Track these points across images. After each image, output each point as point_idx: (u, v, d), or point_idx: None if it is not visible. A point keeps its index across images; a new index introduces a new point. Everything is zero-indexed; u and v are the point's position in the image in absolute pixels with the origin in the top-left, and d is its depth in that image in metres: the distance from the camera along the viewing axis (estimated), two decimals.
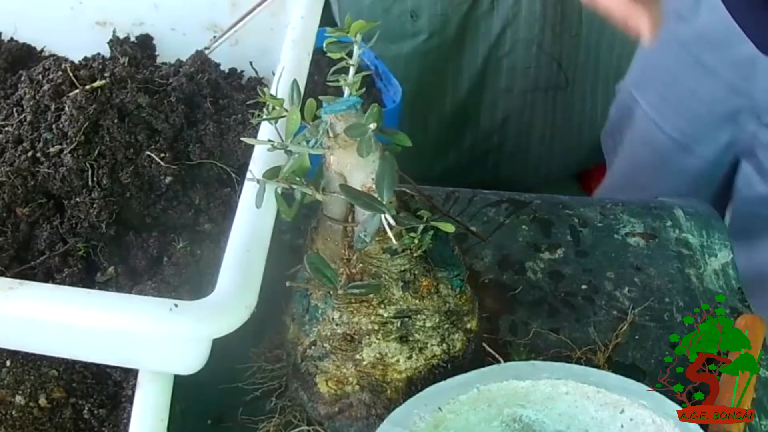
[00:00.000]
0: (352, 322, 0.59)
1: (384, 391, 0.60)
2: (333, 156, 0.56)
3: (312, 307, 0.60)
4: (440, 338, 0.60)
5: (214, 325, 0.51)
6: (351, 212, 0.59)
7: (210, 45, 0.80)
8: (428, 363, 0.60)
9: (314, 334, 0.60)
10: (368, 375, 0.59)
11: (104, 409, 0.62)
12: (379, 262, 0.58)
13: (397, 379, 0.60)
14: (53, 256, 0.63)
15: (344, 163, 0.56)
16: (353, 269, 0.58)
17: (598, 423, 0.59)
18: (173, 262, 0.64)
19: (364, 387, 0.60)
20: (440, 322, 0.60)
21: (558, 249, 0.80)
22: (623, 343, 0.71)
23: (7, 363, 0.62)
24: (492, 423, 0.59)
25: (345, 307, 0.59)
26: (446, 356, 0.61)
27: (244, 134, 0.69)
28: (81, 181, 0.64)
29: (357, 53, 0.56)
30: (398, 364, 0.59)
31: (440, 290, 0.60)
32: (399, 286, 0.59)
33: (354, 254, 0.58)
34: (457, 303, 0.61)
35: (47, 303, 0.52)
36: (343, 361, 0.59)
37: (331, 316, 0.59)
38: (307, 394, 0.62)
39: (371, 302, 0.58)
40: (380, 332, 0.59)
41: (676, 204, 0.85)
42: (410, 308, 0.59)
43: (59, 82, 0.67)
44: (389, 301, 0.59)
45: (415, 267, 0.59)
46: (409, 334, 0.59)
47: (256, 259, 0.55)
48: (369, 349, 0.59)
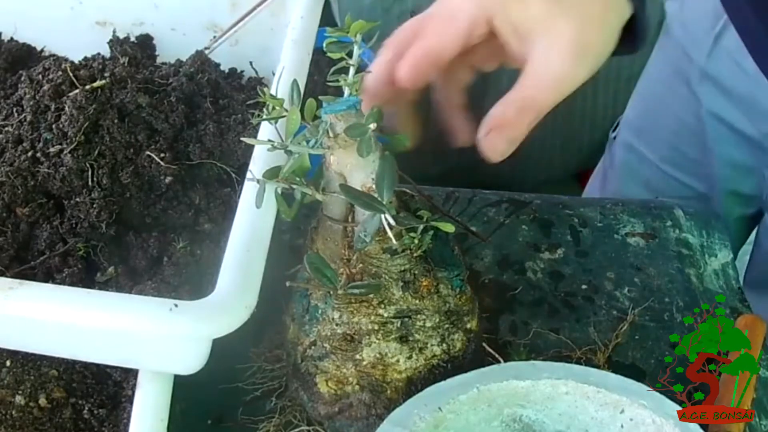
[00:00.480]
0: (352, 322, 0.59)
1: (384, 391, 0.60)
2: (333, 156, 0.56)
3: (312, 307, 0.60)
4: (440, 338, 0.60)
5: (214, 325, 0.51)
6: (351, 212, 0.59)
7: (210, 45, 0.80)
8: (428, 363, 0.60)
9: (314, 334, 0.60)
10: (368, 375, 0.59)
11: (104, 409, 0.62)
12: (379, 262, 0.58)
13: (397, 379, 0.60)
14: (53, 256, 0.63)
15: (344, 163, 0.56)
16: (353, 269, 0.58)
17: (598, 423, 0.59)
18: (173, 262, 0.64)
19: (364, 387, 0.60)
20: (440, 322, 0.60)
21: (558, 249, 0.80)
22: (623, 343, 0.71)
23: (7, 363, 0.62)
24: (492, 423, 0.59)
25: (345, 307, 0.59)
26: (446, 356, 0.61)
27: (244, 134, 0.69)
28: (81, 181, 0.64)
29: (357, 53, 0.56)
30: (398, 364, 0.59)
31: (440, 290, 0.60)
32: (399, 286, 0.58)
33: (354, 254, 0.58)
34: (457, 303, 0.61)
35: (47, 303, 0.52)
36: (343, 361, 0.59)
37: (331, 316, 0.59)
38: (307, 394, 0.62)
39: (371, 302, 0.58)
40: (380, 332, 0.59)
41: (676, 204, 0.85)
42: (410, 308, 0.59)
43: (59, 82, 0.67)
44: (389, 301, 0.58)
45: (415, 267, 0.59)
46: (409, 334, 0.59)
47: (256, 259, 0.55)
48: (369, 349, 0.59)
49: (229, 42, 0.81)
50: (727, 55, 0.90)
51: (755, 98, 0.89)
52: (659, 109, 1.02)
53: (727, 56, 0.90)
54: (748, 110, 0.91)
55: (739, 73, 0.89)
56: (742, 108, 0.91)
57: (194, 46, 0.78)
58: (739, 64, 0.88)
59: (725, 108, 0.93)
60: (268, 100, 0.57)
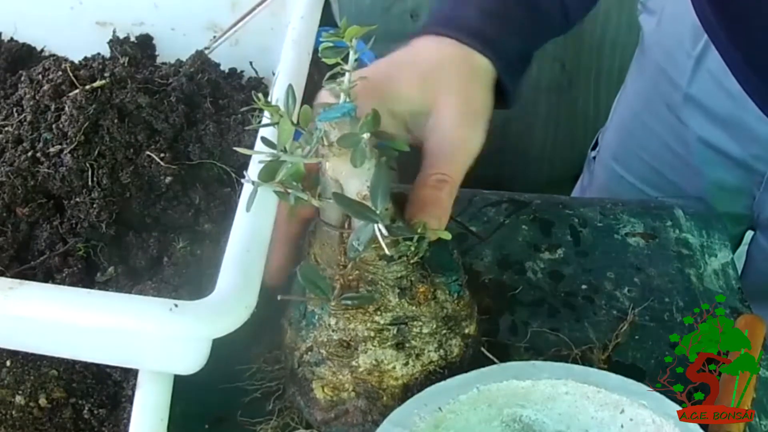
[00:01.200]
0: (348, 329, 0.58)
1: (380, 398, 0.59)
2: (328, 163, 0.56)
3: (309, 313, 0.60)
4: (437, 344, 0.60)
5: (214, 325, 0.51)
6: (348, 218, 0.58)
7: (210, 45, 0.80)
8: (425, 369, 0.60)
9: (311, 340, 0.60)
10: (364, 381, 0.59)
11: (104, 409, 0.62)
12: (375, 268, 0.58)
13: (393, 386, 0.59)
14: (53, 256, 0.63)
15: (339, 171, 0.56)
16: (349, 276, 0.58)
17: (598, 423, 0.59)
18: (173, 262, 0.64)
19: (360, 393, 0.59)
20: (437, 328, 0.60)
21: (558, 249, 0.80)
22: (623, 343, 0.71)
23: (7, 363, 0.62)
24: (492, 423, 0.59)
25: (341, 314, 0.58)
26: (443, 362, 0.61)
27: (244, 134, 0.69)
28: (81, 181, 0.64)
29: (353, 58, 0.55)
30: (394, 370, 0.59)
31: (437, 296, 0.60)
32: (395, 293, 0.58)
33: (350, 261, 0.58)
34: (455, 308, 0.61)
35: (47, 303, 0.52)
36: (340, 368, 0.59)
37: (327, 323, 0.59)
38: (303, 400, 0.62)
39: (367, 309, 0.58)
40: (376, 339, 0.58)
41: (676, 204, 0.85)
42: (407, 315, 0.59)
43: (59, 82, 0.67)
44: (386, 308, 0.58)
45: (411, 273, 0.59)
46: (405, 341, 0.59)
47: (256, 259, 0.55)
48: (365, 356, 0.59)
49: (229, 42, 0.81)
50: (710, 77, 0.89)
51: (741, 119, 0.88)
52: (639, 130, 1.01)
53: (710, 78, 0.89)
54: (734, 132, 0.90)
55: (722, 95, 0.88)
56: (728, 130, 0.90)
57: (194, 46, 0.78)
58: (722, 85, 0.87)
59: (710, 130, 0.91)
60: (262, 106, 0.57)
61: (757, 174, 0.91)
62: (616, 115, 1.07)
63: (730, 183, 0.94)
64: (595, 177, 1.09)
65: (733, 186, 0.94)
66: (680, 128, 0.94)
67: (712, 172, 0.94)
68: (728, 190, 0.94)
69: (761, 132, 0.87)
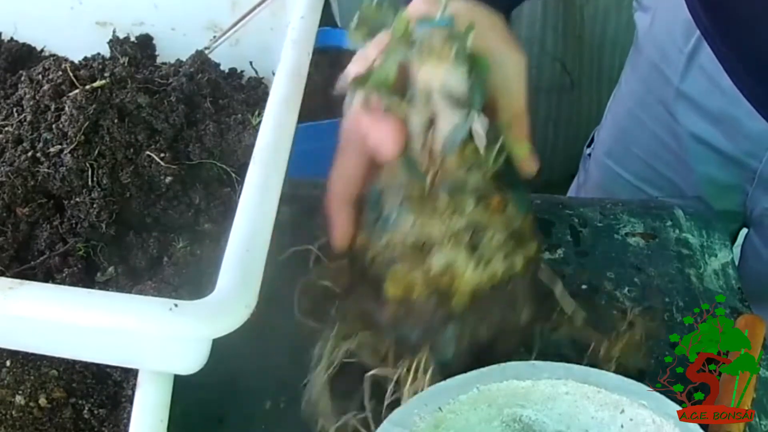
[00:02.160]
0: (424, 231, 0.60)
1: (449, 300, 0.61)
2: (421, 70, 0.58)
3: (384, 216, 0.62)
4: (504, 256, 0.61)
5: (214, 325, 0.51)
6: (431, 127, 0.60)
7: (210, 45, 0.80)
8: (491, 279, 0.61)
9: (385, 241, 0.61)
10: (435, 283, 0.60)
11: (104, 409, 0.62)
12: (455, 174, 0.60)
13: (462, 291, 0.60)
14: (53, 256, 0.63)
15: (435, 75, 0.58)
16: (438, 172, 0.60)
17: (598, 423, 0.59)
18: (173, 262, 0.64)
19: (431, 294, 0.60)
20: (506, 240, 0.61)
21: (558, 249, 0.80)
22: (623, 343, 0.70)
23: (7, 363, 0.62)
24: (492, 423, 0.59)
25: (417, 216, 0.60)
26: (507, 276, 0.62)
27: (244, 134, 0.69)
28: (81, 181, 0.64)
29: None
30: (465, 275, 0.60)
31: (508, 210, 0.62)
32: (472, 200, 0.60)
33: (431, 167, 0.60)
34: (522, 225, 0.63)
35: (47, 303, 0.52)
36: (412, 268, 0.60)
37: (402, 224, 0.61)
38: (373, 299, 0.63)
39: (444, 213, 0.60)
40: (450, 243, 0.60)
41: (676, 204, 0.85)
42: (480, 222, 0.60)
43: (59, 82, 0.67)
44: (461, 213, 0.60)
45: (488, 183, 0.61)
46: (477, 247, 0.60)
47: (256, 259, 0.55)
48: (438, 258, 0.60)
49: (229, 42, 0.81)
50: (702, 74, 0.89)
51: (733, 116, 0.88)
52: (634, 127, 1.01)
53: (702, 75, 0.89)
54: (726, 129, 0.90)
55: (715, 91, 0.88)
56: (721, 127, 0.90)
57: (194, 46, 0.78)
58: (715, 81, 0.87)
59: (703, 127, 0.91)
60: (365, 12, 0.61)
61: (749, 170, 0.92)
62: (610, 112, 1.07)
63: (722, 179, 0.94)
64: (590, 174, 1.10)
65: (725, 182, 0.94)
66: (673, 124, 0.94)
67: (704, 168, 0.94)
68: (720, 186, 0.95)
69: (753, 128, 0.87)
